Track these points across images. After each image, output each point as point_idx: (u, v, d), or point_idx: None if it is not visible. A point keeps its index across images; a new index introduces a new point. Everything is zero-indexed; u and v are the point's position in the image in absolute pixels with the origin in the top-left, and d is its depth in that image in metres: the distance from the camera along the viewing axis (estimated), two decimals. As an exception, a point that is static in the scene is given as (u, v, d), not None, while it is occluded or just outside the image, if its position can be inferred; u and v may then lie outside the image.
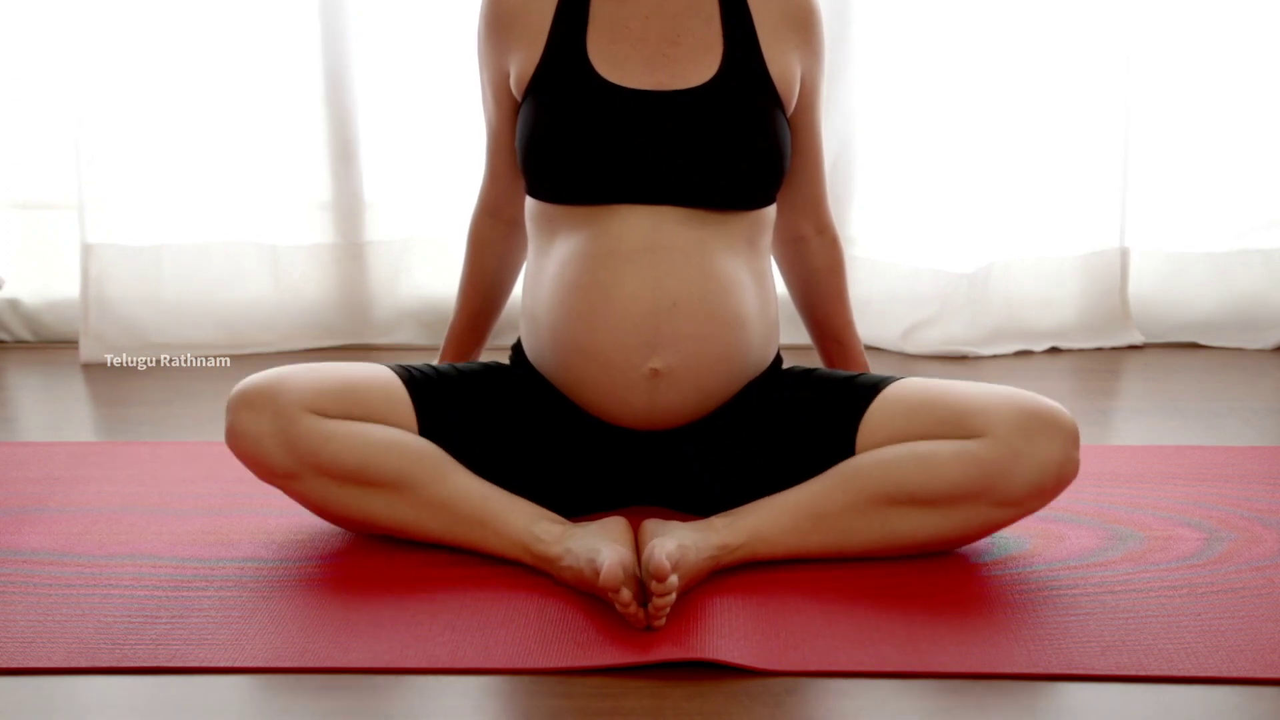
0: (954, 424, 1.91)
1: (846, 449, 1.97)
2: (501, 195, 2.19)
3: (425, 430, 1.99)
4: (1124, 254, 3.27)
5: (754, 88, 1.95)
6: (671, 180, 1.91)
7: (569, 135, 1.92)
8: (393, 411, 1.98)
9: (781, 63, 2.00)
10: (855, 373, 2.06)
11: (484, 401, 2.02)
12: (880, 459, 1.93)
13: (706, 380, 1.96)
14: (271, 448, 1.93)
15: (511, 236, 2.21)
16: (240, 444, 1.96)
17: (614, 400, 1.96)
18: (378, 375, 2.02)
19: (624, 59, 1.95)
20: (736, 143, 1.92)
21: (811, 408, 2.00)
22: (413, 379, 2.02)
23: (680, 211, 1.93)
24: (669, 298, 1.91)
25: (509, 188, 2.17)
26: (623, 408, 1.97)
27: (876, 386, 2.00)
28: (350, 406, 1.96)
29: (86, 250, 3.21)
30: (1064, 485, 1.92)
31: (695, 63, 1.95)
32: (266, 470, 1.96)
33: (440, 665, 1.70)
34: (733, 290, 1.94)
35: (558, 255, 1.96)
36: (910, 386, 1.99)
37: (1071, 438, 1.90)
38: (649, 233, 1.92)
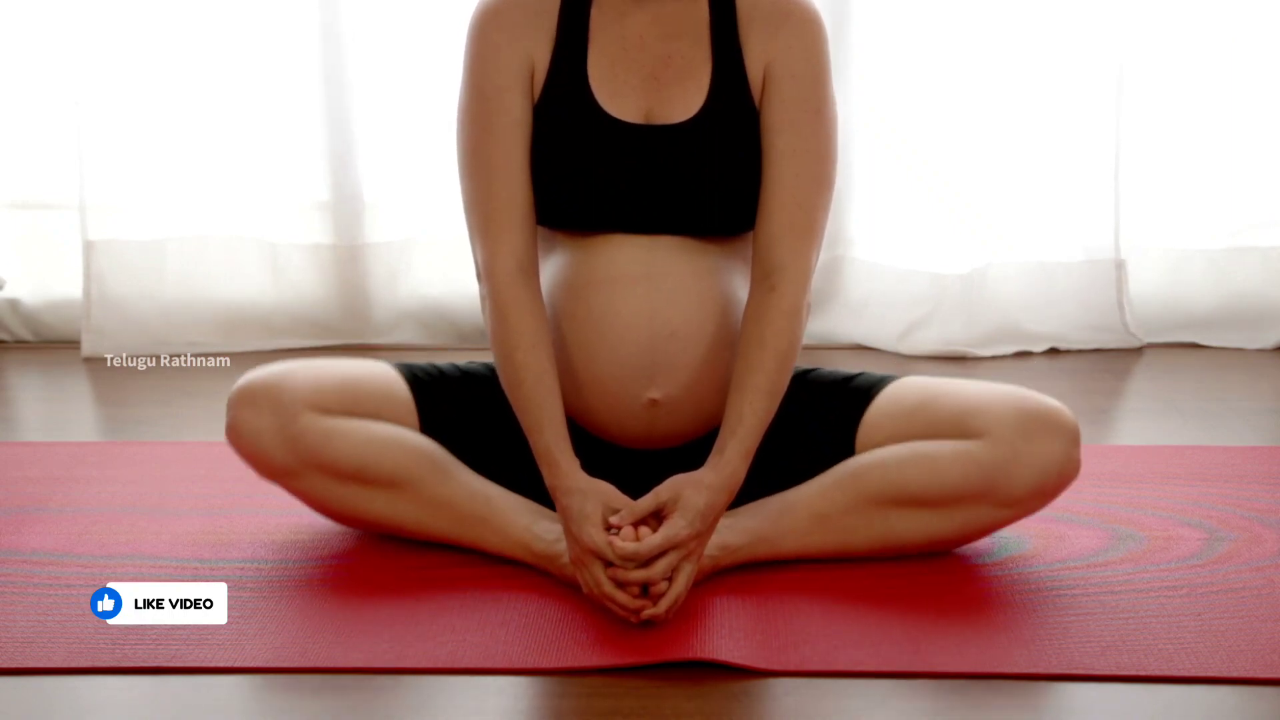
0: (953, 424, 1.91)
1: (846, 450, 1.97)
2: (532, 240, 1.92)
3: (426, 429, 1.99)
4: (1119, 252, 3.26)
5: (739, 114, 1.91)
6: (664, 212, 1.89)
7: (568, 166, 1.89)
8: (394, 409, 1.98)
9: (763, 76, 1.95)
10: (854, 372, 2.05)
11: (485, 403, 2.01)
12: (880, 460, 1.93)
13: (706, 405, 1.95)
14: (272, 445, 1.93)
15: (541, 297, 1.93)
16: (241, 442, 1.96)
17: (613, 425, 1.95)
18: (379, 373, 2.01)
19: (621, 84, 1.91)
20: (723, 176, 1.89)
21: (810, 410, 1.99)
22: (415, 378, 2.02)
23: (675, 239, 1.91)
24: (667, 327, 1.90)
25: (534, 229, 1.93)
26: (622, 431, 1.96)
27: (875, 387, 2.00)
28: (352, 404, 1.95)
29: (88, 247, 3.22)
30: (1065, 485, 1.91)
31: (684, 87, 1.91)
32: (267, 468, 1.96)
33: (440, 665, 1.70)
34: (731, 312, 1.93)
35: (553, 278, 1.94)
36: (909, 386, 1.99)
37: (1072, 437, 1.90)
38: (644, 260, 1.90)
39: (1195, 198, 3.31)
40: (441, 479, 1.96)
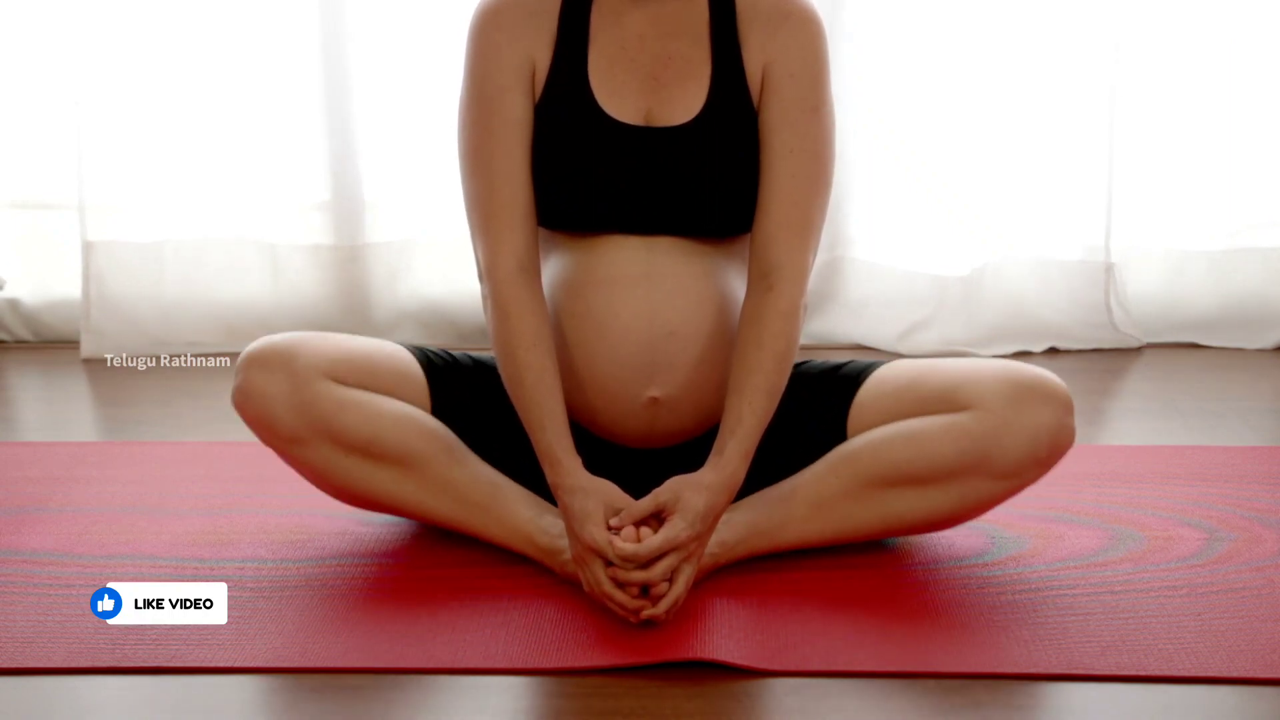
0: (942, 399, 1.90)
1: (838, 436, 1.97)
2: (533, 239, 1.92)
3: (437, 413, 1.98)
4: (1109, 254, 3.26)
5: (739, 115, 1.91)
6: (663, 214, 1.89)
7: (567, 167, 1.89)
8: (407, 389, 1.97)
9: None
10: (841, 361, 2.05)
11: (495, 393, 2.00)
12: (871, 441, 1.92)
13: (706, 403, 1.95)
14: (282, 410, 1.91)
15: (542, 296, 1.94)
16: (250, 404, 1.93)
17: (613, 424, 1.95)
18: (394, 352, 2.01)
19: (621, 85, 1.91)
20: (723, 177, 1.89)
21: (801, 402, 1.99)
22: (429, 361, 2.02)
23: (675, 239, 1.91)
24: (666, 326, 1.90)
25: (535, 228, 1.93)
26: (622, 431, 1.96)
27: (863, 372, 2.00)
28: (365, 378, 1.94)
29: (88, 248, 3.22)
30: (1060, 453, 1.91)
31: (683, 88, 1.91)
32: (273, 434, 1.94)
33: (440, 665, 1.70)
34: (730, 312, 1.93)
35: (553, 277, 1.95)
36: (896, 368, 1.99)
37: (1064, 404, 1.89)
38: (644, 260, 1.90)
39: (1195, 198, 3.31)
40: (450, 462, 1.95)
